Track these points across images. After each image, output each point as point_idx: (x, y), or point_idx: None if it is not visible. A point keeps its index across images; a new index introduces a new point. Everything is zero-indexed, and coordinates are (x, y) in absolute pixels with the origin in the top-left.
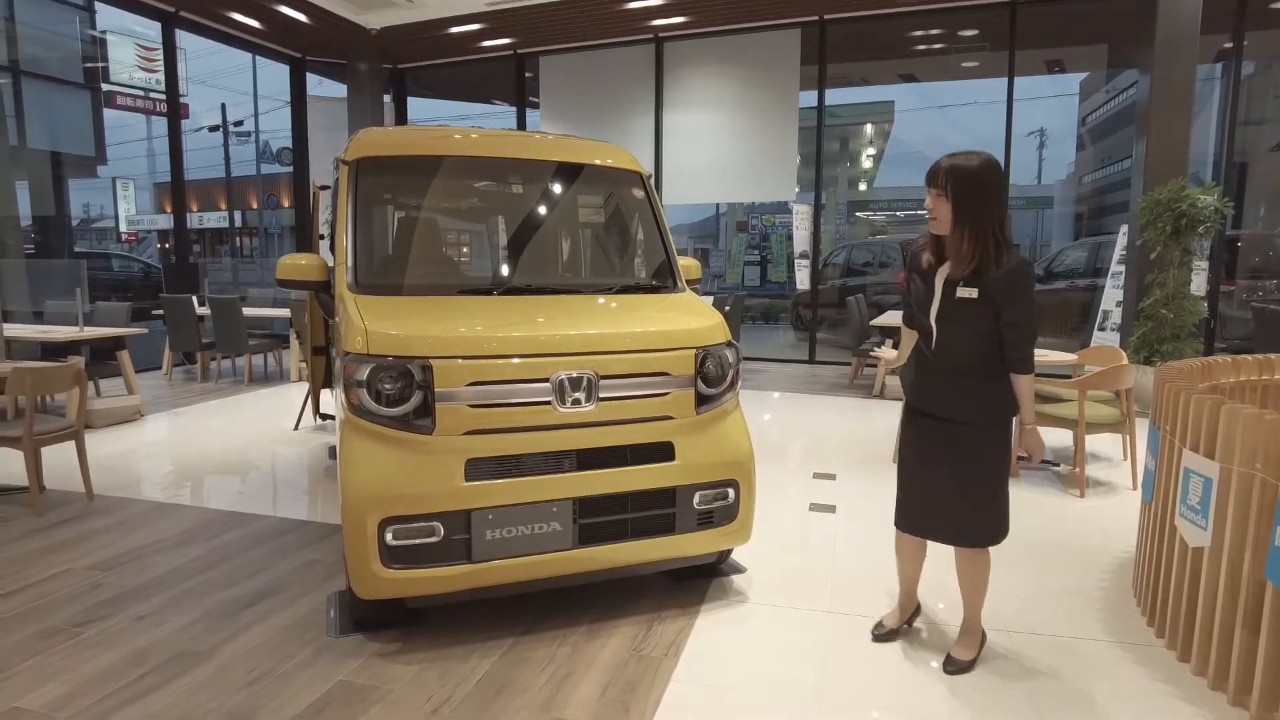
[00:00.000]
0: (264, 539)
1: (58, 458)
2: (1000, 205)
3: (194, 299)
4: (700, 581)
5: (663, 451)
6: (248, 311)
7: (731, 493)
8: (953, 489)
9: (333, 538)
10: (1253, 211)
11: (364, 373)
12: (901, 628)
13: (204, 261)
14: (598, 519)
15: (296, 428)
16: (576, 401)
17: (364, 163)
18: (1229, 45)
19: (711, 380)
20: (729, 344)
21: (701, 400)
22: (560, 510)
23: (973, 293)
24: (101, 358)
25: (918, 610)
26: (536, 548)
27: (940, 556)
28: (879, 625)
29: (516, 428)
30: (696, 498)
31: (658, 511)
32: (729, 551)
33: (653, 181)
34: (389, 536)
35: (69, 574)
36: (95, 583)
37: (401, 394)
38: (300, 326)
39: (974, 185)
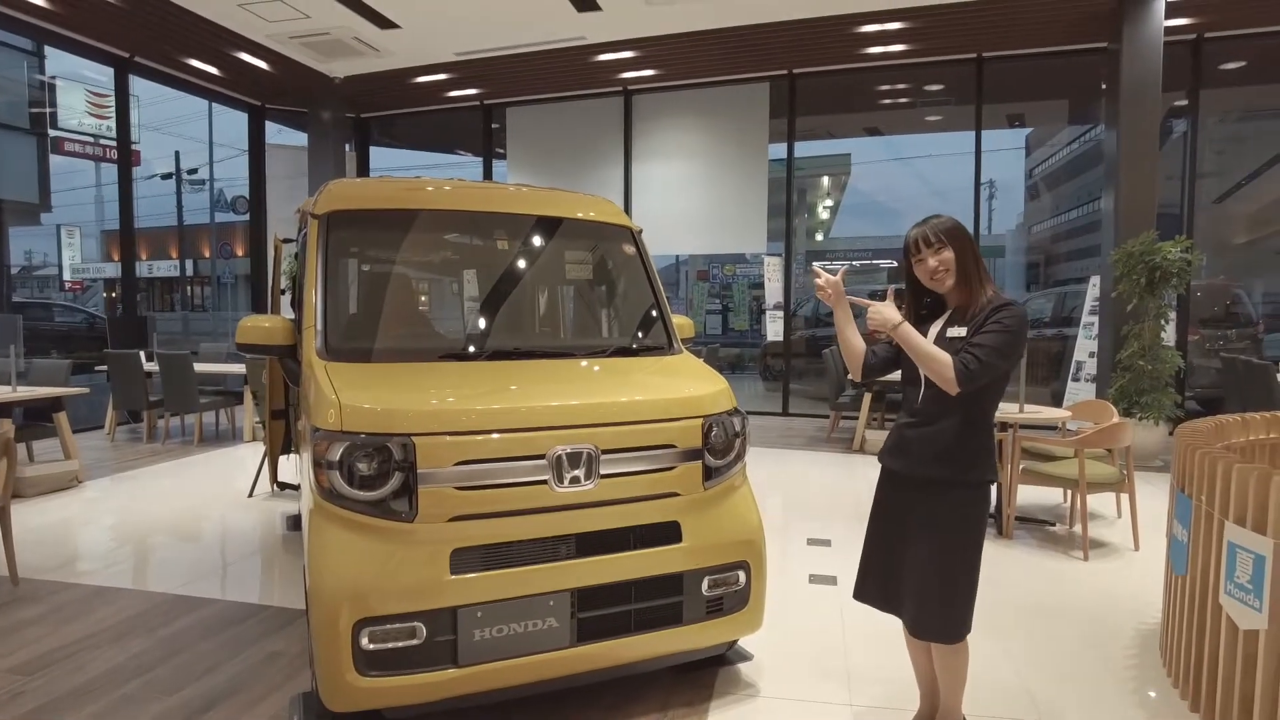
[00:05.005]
0: (216, 628)
1: None
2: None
3: (141, 354)
4: (706, 673)
5: (669, 533)
6: (199, 367)
7: (742, 576)
8: (920, 561)
9: (294, 624)
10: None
11: (336, 452)
12: None
13: (153, 314)
14: (598, 612)
15: (251, 494)
16: (575, 479)
17: (335, 216)
18: (1181, 104)
19: (719, 451)
20: (735, 411)
21: (709, 474)
22: (557, 604)
23: (962, 330)
24: (36, 418)
25: None
26: (531, 647)
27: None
28: None
29: (509, 511)
30: (705, 583)
31: (664, 601)
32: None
33: (643, 236)
34: (364, 640)
35: None
36: (17, 690)
37: (379, 476)
38: (257, 385)
39: (964, 233)
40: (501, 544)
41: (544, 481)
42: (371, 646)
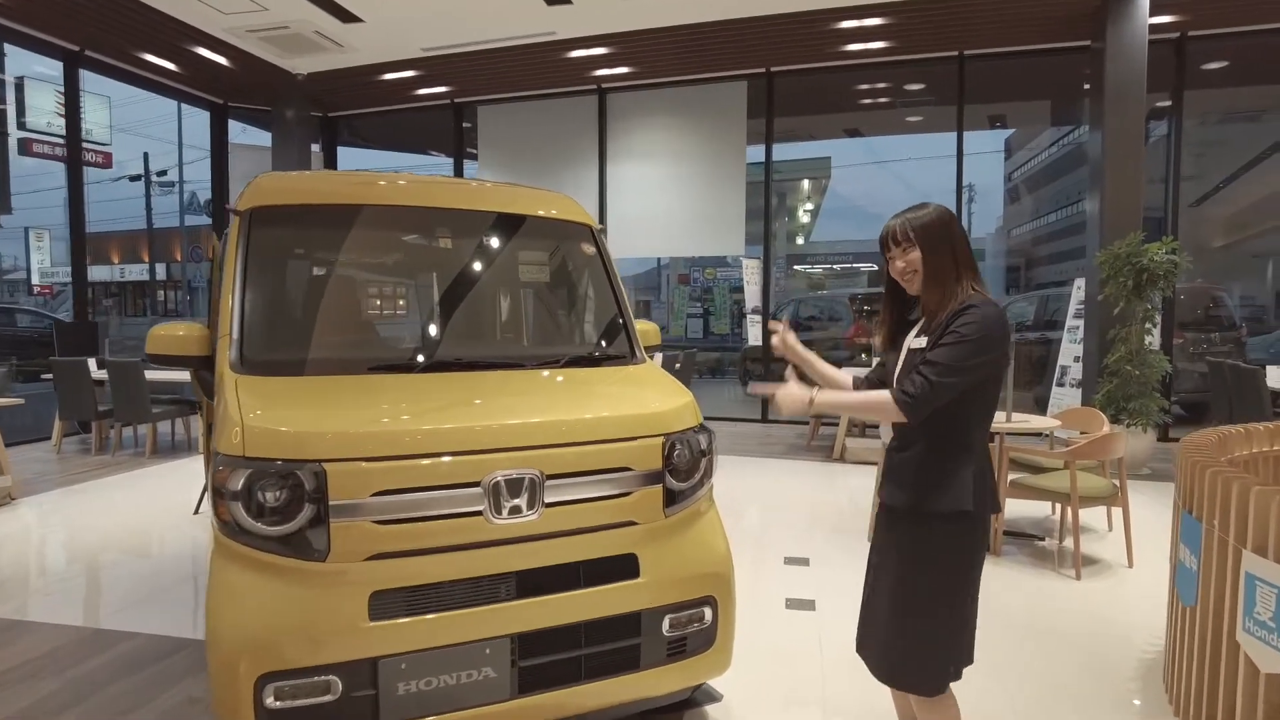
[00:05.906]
0: (136, 666)
1: None
2: (966, 249)
3: (90, 362)
4: (671, 716)
5: (624, 567)
6: (153, 375)
7: (708, 612)
8: (886, 605)
9: None
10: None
11: (238, 481)
12: None
13: (105, 319)
14: (543, 659)
15: (197, 511)
16: (516, 510)
17: (258, 213)
18: (1164, 104)
19: (682, 473)
20: (701, 427)
21: (670, 499)
22: (495, 652)
23: (922, 341)
24: None
25: None
26: (464, 701)
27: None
28: None
29: (438, 548)
30: (666, 623)
31: (619, 644)
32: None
33: (605, 235)
34: (269, 698)
35: None
36: None
37: (287, 508)
38: (201, 396)
39: (942, 228)
40: (429, 585)
41: (479, 512)
42: (278, 705)
